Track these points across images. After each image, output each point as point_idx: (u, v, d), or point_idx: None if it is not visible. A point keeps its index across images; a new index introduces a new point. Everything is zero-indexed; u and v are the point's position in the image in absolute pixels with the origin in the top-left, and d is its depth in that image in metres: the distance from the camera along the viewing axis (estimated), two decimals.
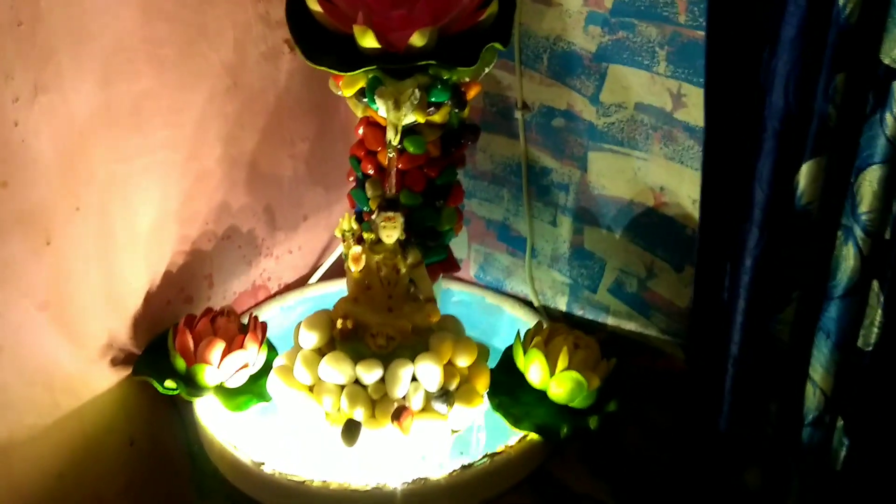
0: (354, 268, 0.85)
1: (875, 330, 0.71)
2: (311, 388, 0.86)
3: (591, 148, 1.00)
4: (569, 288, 1.10)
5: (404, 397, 0.84)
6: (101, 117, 0.83)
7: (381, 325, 0.85)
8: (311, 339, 0.86)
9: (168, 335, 0.92)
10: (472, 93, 0.89)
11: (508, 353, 0.96)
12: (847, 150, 0.68)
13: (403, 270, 0.86)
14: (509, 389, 0.91)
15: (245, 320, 1.04)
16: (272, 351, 0.98)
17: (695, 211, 0.94)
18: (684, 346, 1.02)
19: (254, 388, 0.93)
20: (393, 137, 0.83)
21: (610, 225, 1.02)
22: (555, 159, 1.04)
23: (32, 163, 0.77)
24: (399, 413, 0.82)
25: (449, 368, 0.87)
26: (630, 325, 1.06)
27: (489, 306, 1.16)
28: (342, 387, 0.84)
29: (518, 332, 0.94)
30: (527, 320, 1.10)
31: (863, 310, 0.72)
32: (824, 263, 0.74)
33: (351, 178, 0.99)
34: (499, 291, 1.17)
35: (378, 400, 0.84)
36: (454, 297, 1.18)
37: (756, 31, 0.70)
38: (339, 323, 0.85)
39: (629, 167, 0.97)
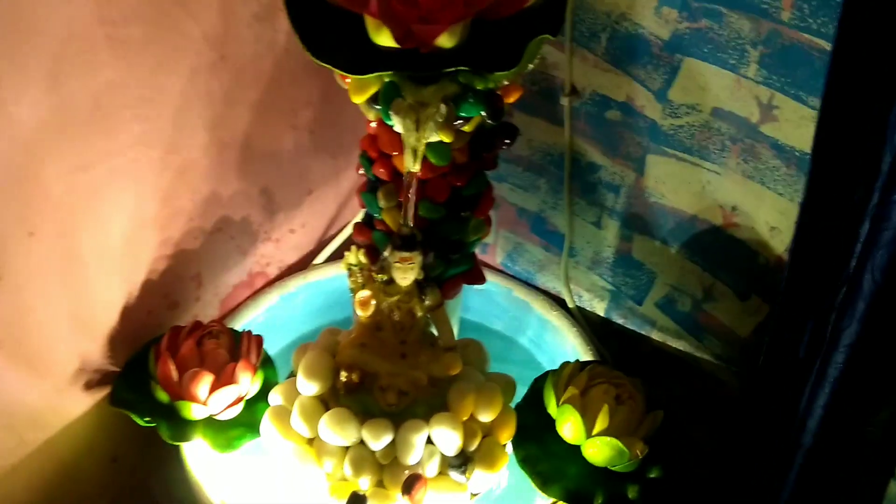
0: (362, 313, 0.73)
1: None
2: (310, 441, 0.77)
3: (651, 150, 0.85)
4: (610, 294, 0.99)
5: (418, 463, 0.74)
6: (54, 124, 0.69)
7: (392, 377, 0.75)
8: (310, 388, 0.76)
9: (149, 353, 0.82)
10: (512, 98, 0.74)
11: (537, 386, 0.86)
12: None
13: (420, 314, 0.75)
14: (537, 435, 0.82)
15: (238, 325, 0.95)
16: (269, 368, 0.88)
17: (773, 239, 0.81)
18: (740, 374, 0.91)
19: (248, 418, 0.84)
20: (412, 163, 0.69)
21: (665, 237, 0.89)
22: (605, 156, 0.90)
23: None
24: (411, 484, 0.73)
25: (469, 425, 0.77)
26: (678, 344, 0.95)
27: (516, 300, 1.06)
28: (346, 447, 0.75)
29: (548, 375, 0.83)
30: (558, 324, 1.01)
31: None
32: None
33: (360, 172, 0.85)
34: (528, 284, 1.05)
35: (387, 465, 0.74)
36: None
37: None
38: (343, 375, 0.74)
39: (696, 179, 0.83)
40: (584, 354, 0.95)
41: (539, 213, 1.01)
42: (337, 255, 1.09)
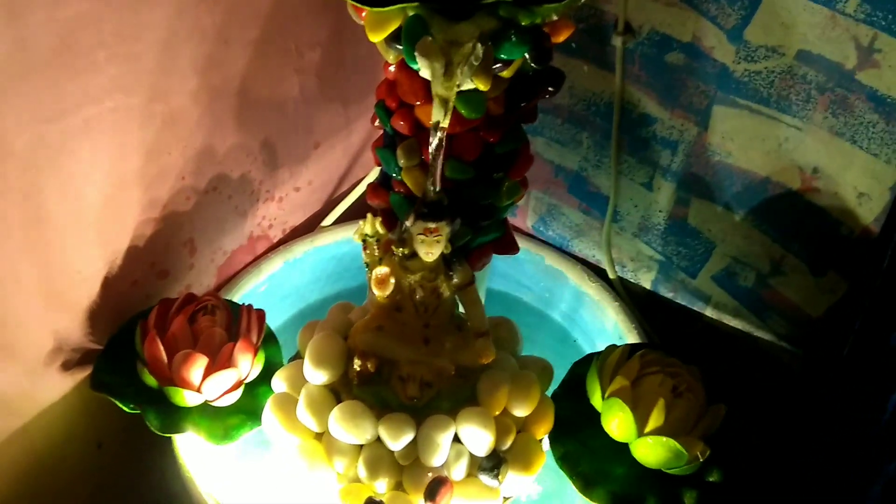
0: (380, 292, 0.64)
1: None
2: (319, 436, 0.68)
3: (718, 100, 0.75)
4: (658, 265, 0.89)
5: (443, 464, 0.66)
6: (12, 65, 0.59)
7: (413, 366, 0.66)
8: (318, 376, 0.67)
9: (135, 329, 0.74)
10: (562, 36, 0.63)
11: (577, 371, 0.77)
12: None
13: (447, 294, 0.65)
14: (577, 429, 0.74)
15: (237, 295, 0.87)
16: (272, 347, 0.80)
17: (860, 207, 0.71)
18: (806, 357, 0.82)
19: (248, 404, 0.75)
20: (441, 115, 0.59)
21: (729, 202, 0.80)
22: (662, 106, 0.80)
23: None
24: (435, 489, 0.64)
25: (502, 420, 0.68)
26: (735, 323, 0.87)
27: (549, 269, 0.97)
28: (360, 445, 0.66)
29: (594, 359, 0.73)
30: (597, 297, 0.92)
31: None
32: None
33: (377, 124, 0.75)
34: (563, 251, 0.96)
35: (407, 467, 0.66)
36: None
37: None
38: (356, 363, 0.66)
39: (772, 134, 0.73)
40: (627, 333, 0.87)
41: (579, 172, 0.91)
42: (347, 216, 1.00)
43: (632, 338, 0.85)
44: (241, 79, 0.79)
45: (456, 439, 0.67)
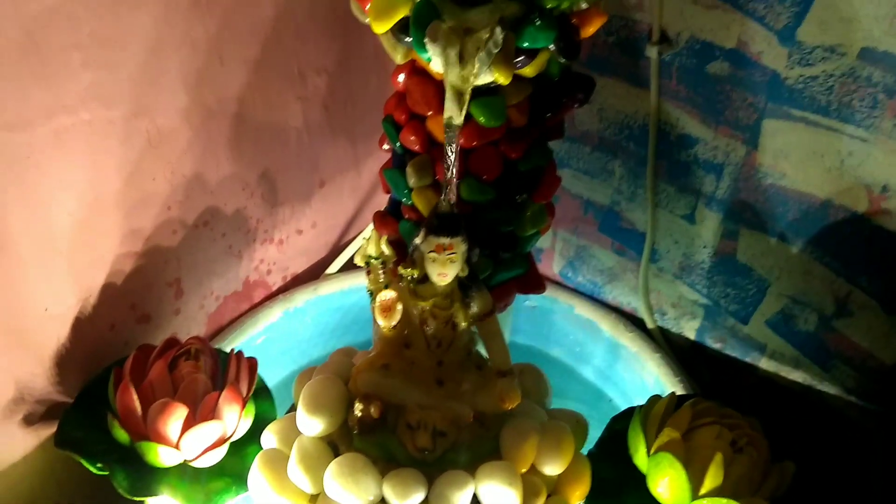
0: (385, 322, 0.57)
1: None
2: (313, 499, 0.60)
3: (769, 112, 0.70)
4: (703, 311, 0.83)
5: None
6: None
7: (424, 411, 0.60)
8: (314, 425, 0.60)
9: (109, 379, 0.67)
10: (592, 28, 0.57)
11: (616, 427, 0.70)
12: None
13: (463, 325, 0.59)
14: (618, 492, 0.67)
15: (229, 347, 0.79)
16: (265, 401, 0.73)
17: None
18: (880, 413, 0.74)
19: (234, 466, 0.68)
20: (456, 112, 0.52)
21: (785, 232, 0.74)
22: (705, 125, 0.75)
23: None
24: None
25: (530, 479, 0.61)
26: (795, 375, 0.80)
27: (579, 320, 0.93)
28: None
29: (636, 411, 0.65)
30: (634, 349, 0.86)
31: None
32: None
33: (385, 147, 0.69)
34: (594, 299, 0.90)
35: None
36: (529, 299, 0.91)
37: None
38: (357, 408, 0.57)
39: (833, 149, 0.68)
40: (671, 388, 0.80)
41: (611, 207, 0.87)
42: (355, 264, 0.93)
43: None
44: (238, 101, 0.75)
45: (475, 501, 0.59)
